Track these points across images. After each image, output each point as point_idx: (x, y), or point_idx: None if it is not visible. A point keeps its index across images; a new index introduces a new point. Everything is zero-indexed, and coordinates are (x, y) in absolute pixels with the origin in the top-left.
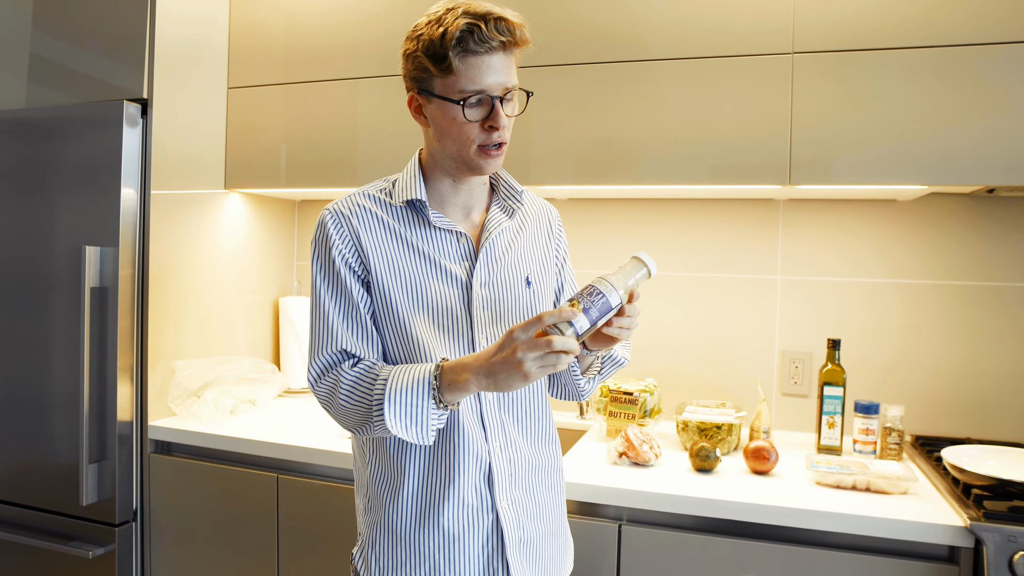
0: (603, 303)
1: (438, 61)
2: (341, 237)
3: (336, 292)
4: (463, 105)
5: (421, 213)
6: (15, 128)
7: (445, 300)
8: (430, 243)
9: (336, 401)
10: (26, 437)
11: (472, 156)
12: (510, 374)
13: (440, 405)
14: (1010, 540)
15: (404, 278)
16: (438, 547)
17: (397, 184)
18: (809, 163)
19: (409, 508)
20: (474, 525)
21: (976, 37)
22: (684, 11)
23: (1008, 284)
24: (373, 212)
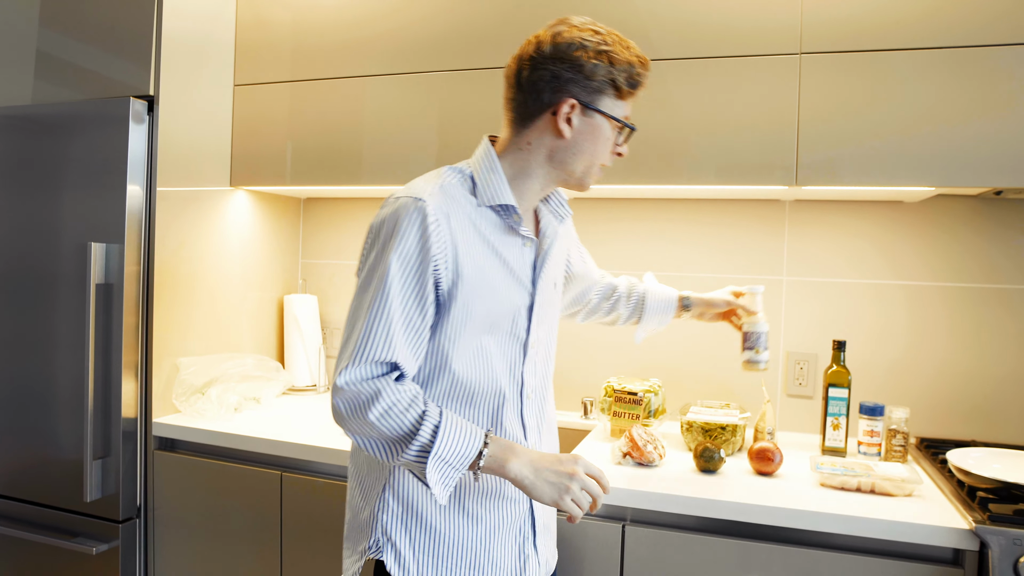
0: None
1: (629, 84)
2: (439, 239)
3: (410, 295)
4: (624, 125)
5: (506, 218)
6: (21, 124)
7: (514, 306)
8: (509, 250)
9: (365, 413)
10: (30, 433)
11: (594, 173)
12: (552, 487)
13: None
14: (1015, 543)
15: (487, 286)
16: (481, 539)
17: (478, 183)
18: (816, 164)
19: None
20: (512, 516)
21: (984, 38)
22: (692, 11)
23: (1014, 287)
24: (466, 213)
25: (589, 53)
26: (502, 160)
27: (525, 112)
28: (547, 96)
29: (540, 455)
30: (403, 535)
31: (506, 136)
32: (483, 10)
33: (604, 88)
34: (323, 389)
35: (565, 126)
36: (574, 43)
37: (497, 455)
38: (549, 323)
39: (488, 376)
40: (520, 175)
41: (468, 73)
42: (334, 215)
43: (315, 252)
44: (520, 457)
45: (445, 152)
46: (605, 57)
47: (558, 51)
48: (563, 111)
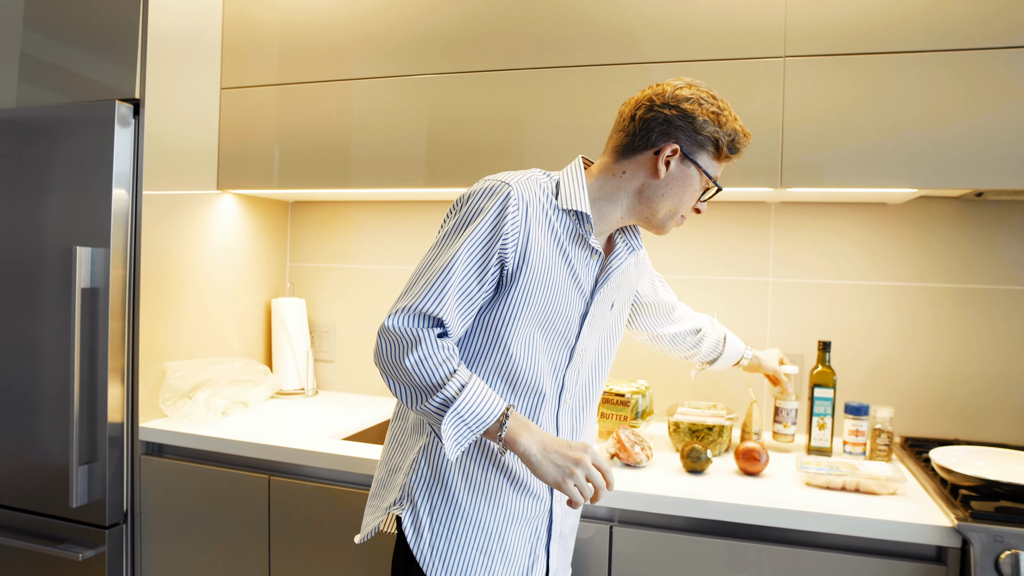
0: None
1: (729, 149)
2: (514, 222)
3: (473, 265)
4: (713, 188)
5: (579, 227)
6: (6, 127)
7: (569, 307)
8: (577, 256)
9: (403, 357)
10: (15, 438)
11: (674, 220)
12: (556, 468)
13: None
14: (996, 540)
15: (550, 279)
16: (499, 524)
17: (562, 187)
18: (800, 166)
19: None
20: (532, 512)
21: (966, 42)
22: (678, 14)
23: (996, 287)
24: (546, 210)
25: (703, 110)
26: (593, 181)
27: (631, 145)
28: (655, 136)
29: (553, 438)
30: (425, 500)
31: (603, 161)
32: (472, 13)
33: (706, 144)
34: (311, 393)
35: (663, 167)
36: (692, 98)
37: (512, 427)
38: (601, 340)
39: (532, 367)
40: (606, 199)
41: (457, 76)
42: (322, 218)
43: (303, 255)
44: (533, 434)
45: (434, 155)
46: (716, 118)
47: (676, 100)
48: (665, 153)
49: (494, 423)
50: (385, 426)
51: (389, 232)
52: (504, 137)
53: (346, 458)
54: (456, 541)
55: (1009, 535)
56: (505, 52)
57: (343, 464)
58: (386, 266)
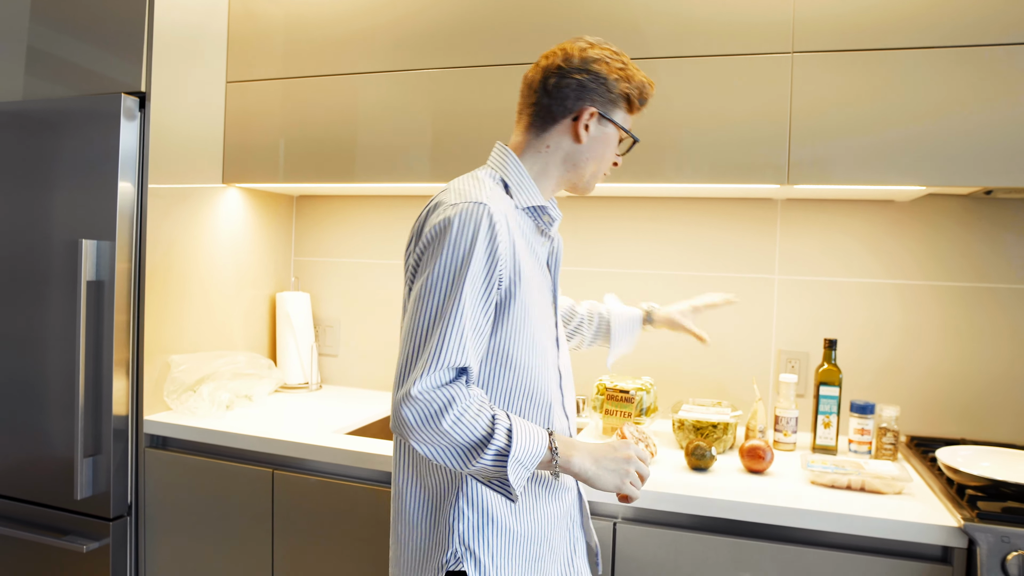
0: None
1: (640, 101)
2: (504, 240)
3: (479, 301)
4: (633, 140)
5: (537, 219)
6: (12, 120)
7: (548, 300)
8: (541, 248)
9: (439, 422)
10: (21, 431)
11: (598, 178)
12: (614, 473)
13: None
14: (1003, 540)
15: (536, 285)
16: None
17: (511, 185)
18: (807, 163)
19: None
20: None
21: (975, 38)
22: (686, 9)
23: (1004, 286)
24: (514, 218)
25: (612, 68)
26: (533, 168)
27: (548, 116)
28: (571, 103)
29: (595, 446)
30: (481, 542)
31: (521, 140)
32: (477, 7)
33: (619, 101)
34: (315, 387)
35: (583, 131)
36: (600, 58)
37: (562, 452)
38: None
39: (543, 372)
40: (539, 176)
41: (462, 71)
42: (327, 212)
43: (308, 249)
44: (580, 451)
45: (439, 149)
46: (624, 74)
47: (585, 63)
48: (583, 118)
49: (546, 453)
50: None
51: (394, 227)
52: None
53: (349, 452)
54: (517, 565)
55: (1016, 536)
56: (511, 46)
57: (346, 458)
58: (390, 261)
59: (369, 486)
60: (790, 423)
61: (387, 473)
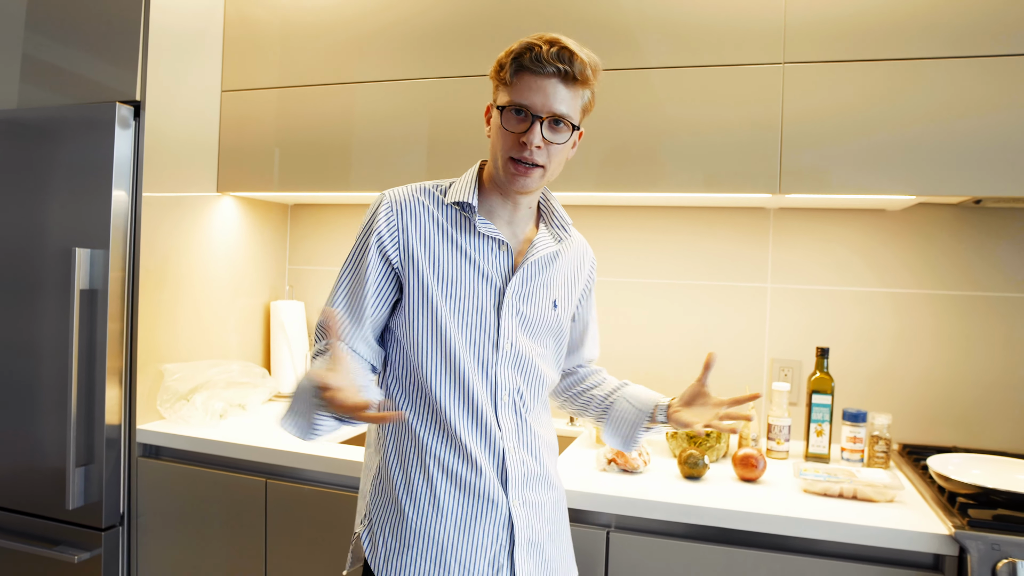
0: None
1: (500, 70)
2: (388, 223)
3: (353, 271)
4: (503, 111)
5: (469, 217)
6: (7, 128)
7: (478, 299)
8: (473, 246)
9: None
10: (12, 440)
11: (504, 166)
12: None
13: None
14: (993, 548)
15: (442, 271)
16: (448, 534)
17: (453, 186)
18: (799, 172)
19: (423, 495)
20: (486, 518)
21: (964, 49)
22: (679, 21)
23: (995, 294)
24: (426, 206)
25: (499, 58)
26: (488, 171)
27: None
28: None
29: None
30: (378, 518)
31: None
32: (472, 17)
33: (496, 84)
34: None
35: (487, 127)
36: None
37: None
38: (536, 336)
39: (457, 359)
40: (491, 180)
41: (457, 80)
42: (321, 221)
43: (302, 258)
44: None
45: (434, 158)
46: (504, 54)
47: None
48: (487, 114)
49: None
50: None
51: None
52: None
53: (343, 461)
54: (408, 555)
55: (1006, 543)
56: None
57: (340, 468)
58: None
59: None
60: (783, 431)
61: None
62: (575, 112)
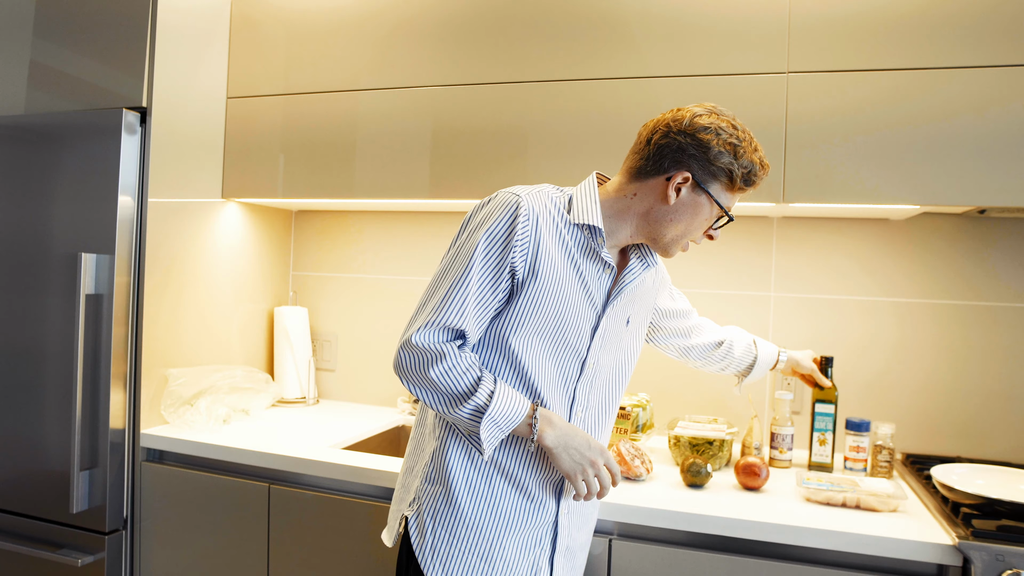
0: None
1: (744, 181)
2: (524, 231)
3: (488, 273)
4: (723, 213)
5: (592, 239)
6: (14, 134)
7: (579, 318)
8: (589, 269)
9: (427, 371)
10: (17, 443)
11: (681, 245)
12: (572, 462)
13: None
14: (998, 559)
15: (559, 288)
16: (499, 532)
17: (573, 203)
18: (802, 181)
19: (481, 490)
20: (535, 521)
21: (967, 60)
22: (683, 30)
23: (999, 304)
24: (556, 222)
25: (720, 140)
26: (607, 198)
27: (644, 169)
28: (667, 163)
29: (575, 433)
30: (430, 503)
31: (617, 181)
32: (477, 25)
33: (719, 175)
34: (312, 401)
35: (672, 194)
36: (710, 128)
37: (541, 425)
38: (616, 356)
39: (539, 376)
40: (616, 216)
41: (463, 88)
42: (325, 227)
43: (306, 264)
44: (558, 430)
45: (438, 166)
46: (732, 149)
47: (692, 128)
48: (676, 181)
49: (524, 422)
50: (386, 436)
51: (392, 242)
52: (507, 149)
53: (347, 467)
54: (456, 545)
55: (1010, 554)
56: (511, 65)
57: (343, 473)
58: (389, 276)
59: (366, 501)
60: (786, 440)
61: (384, 488)
62: None
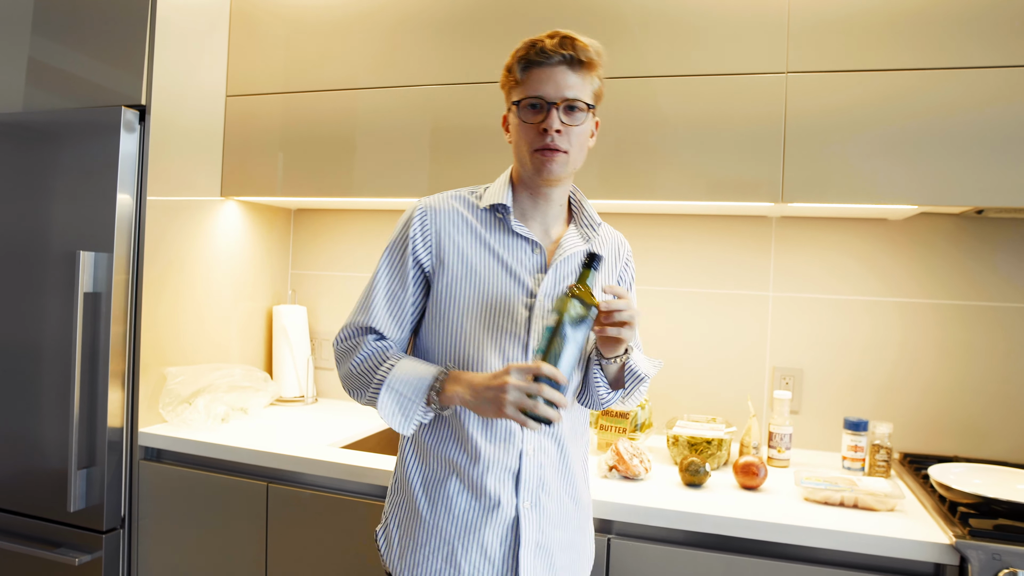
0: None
1: (509, 73)
2: (423, 228)
3: (394, 273)
4: (519, 106)
5: (503, 219)
6: (13, 132)
7: (509, 301)
8: (506, 248)
9: (346, 363)
10: (15, 441)
11: (530, 158)
12: (490, 403)
13: (431, 406)
14: (994, 558)
15: (473, 273)
16: (458, 531)
17: (487, 191)
18: (801, 181)
19: (439, 496)
20: (492, 517)
21: (967, 60)
22: (682, 29)
23: (998, 304)
24: (459, 212)
25: (506, 62)
26: (515, 173)
27: None
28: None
29: (477, 377)
30: (394, 513)
31: None
32: (476, 24)
33: (509, 88)
34: (311, 400)
35: (507, 135)
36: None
37: (445, 386)
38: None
39: (481, 365)
40: (519, 182)
41: (461, 87)
42: (325, 226)
43: (305, 263)
44: (462, 384)
45: (437, 165)
46: (510, 58)
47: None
48: (505, 121)
49: (430, 389)
50: (384, 435)
51: None
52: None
53: (345, 466)
54: (419, 550)
55: (1007, 553)
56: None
57: (341, 472)
58: None
59: (365, 500)
60: (784, 440)
61: (382, 487)
62: (587, 95)
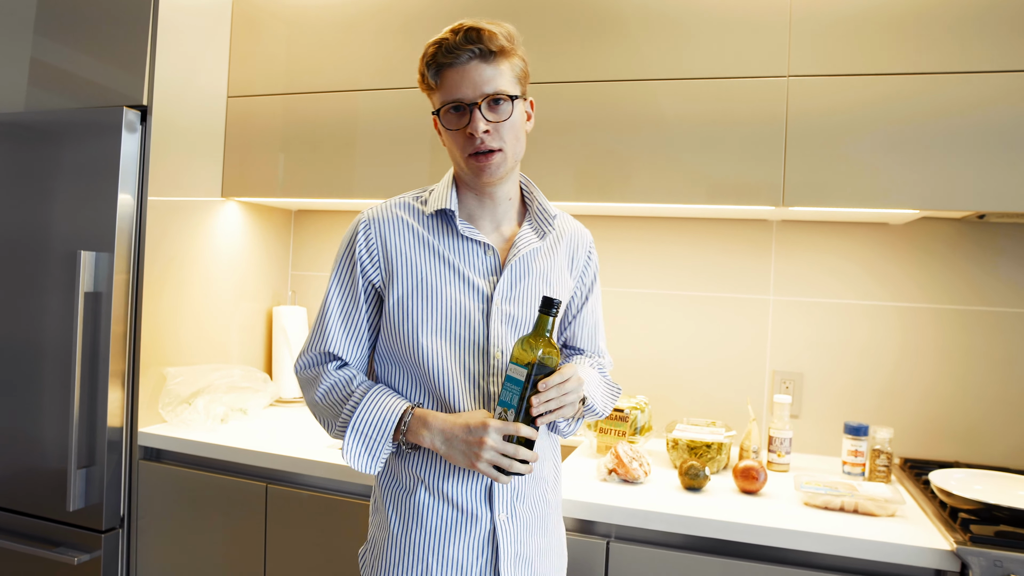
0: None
1: (423, 79)
2: (368, 243)
3: (346, 294)
4: (440, 114)
5: (451, 223)
6: (14, 131)
7: (464, 309)
8: (457, 253)
9: (312, 394)
10: (14, 440)
11: (466, 164)
12: (464, 456)
13: (395, 444)
14: (996, 564)
15: (424, 284)
16: (432, 548)
17: (432, 195)
18: (802, 185)
19: (409, 511)
20: (467, 531)
21: (968, 65)
22: (683, 33)
23: (1000, 309)
24: (405, 221)
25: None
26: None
27: None
28: None
29: (451, 424)
30: (374, 535)
31: None
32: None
33: (428, 93)
34: None
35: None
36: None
37: (412, 427)
38: None
39: (442, 378)
40: (462, 184)
41: None
42: (325, 227)
43: (305, 264)
44: (432, 428)
45: (437, 166)
46: (420, 62)
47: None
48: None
49: (395, 429)
50: None
51: None
52: None
53: (343, 468)
54: (397, 570)
55: (1008, 560)
56: None
57: (340, 473)
58: None
59: (363, 501)
60: (784, 444)
61: None
62: (508, 85)
